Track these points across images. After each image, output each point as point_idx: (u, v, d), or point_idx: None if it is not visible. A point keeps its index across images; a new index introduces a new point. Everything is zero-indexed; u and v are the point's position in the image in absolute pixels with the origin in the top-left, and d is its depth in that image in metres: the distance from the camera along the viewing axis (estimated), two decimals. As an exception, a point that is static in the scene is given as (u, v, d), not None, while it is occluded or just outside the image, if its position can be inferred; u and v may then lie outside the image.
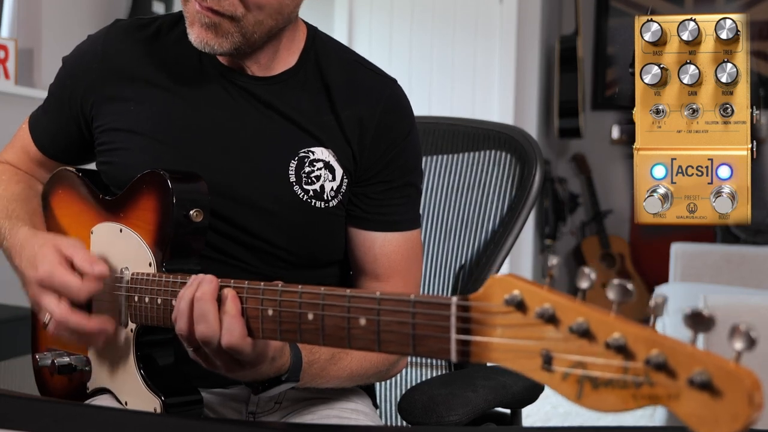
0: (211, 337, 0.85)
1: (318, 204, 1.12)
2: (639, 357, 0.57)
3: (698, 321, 0.56)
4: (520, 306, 0.63)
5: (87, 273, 1.01)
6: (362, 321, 0.74)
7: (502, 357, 0.64)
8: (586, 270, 0.61)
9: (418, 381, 1.46)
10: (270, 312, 0.83)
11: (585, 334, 0.59)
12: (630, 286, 0.59)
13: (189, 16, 1.06)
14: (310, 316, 0.79)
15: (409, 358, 1.47)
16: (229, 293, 0.86)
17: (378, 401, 1.47)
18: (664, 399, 0.56)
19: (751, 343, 0.54)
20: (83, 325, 1.02)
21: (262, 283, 0.84)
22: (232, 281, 0.87)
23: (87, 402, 1.11)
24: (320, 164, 1.12)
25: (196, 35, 1.05)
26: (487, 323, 0.65)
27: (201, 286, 0.87)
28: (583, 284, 0.61)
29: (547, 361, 0.61)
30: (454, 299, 0.67)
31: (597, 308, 0.60)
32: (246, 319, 0.85)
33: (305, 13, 1.16)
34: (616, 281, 0.59)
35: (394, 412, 1.48)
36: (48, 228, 1.22)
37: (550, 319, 0.61)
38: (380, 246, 1.15)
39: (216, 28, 1.04)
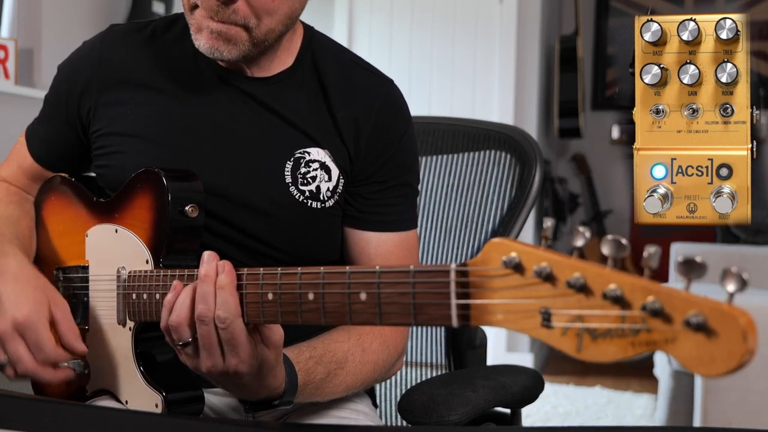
0: (210, 317, 0.85)
1: (314, 204, 1.12)
2: (635, 305, 0.58)
3: (691, 268, 0.57)
4: (517, 267, 0.64)
5: (68, 345, 1.04)
6: (363, 296, 0.75)
7: (502, 319, 0.65)
8: (581, 229, 0.63)
9: (418, 381, 1.46)
10: (270, 296, 0.83)
11: (582, 288, 0.60)
12: (624, 241, 0.60)
13: (195, 23, 1.05)
14: (311, 296, 0.79)
15: (408, 359, 1.47)
16: (225, 266, 0.86)
17: (378, 401, 1.47)
18: (662, 344, 0.57)
19: (742, 284, 0.55)
20: (50, 378, 1.05)
21: (261, 269, 0.85)
22: (233, 267, 0.87)
23: (87, 403, 1.11)
24: (316, 165, 1.12)
25: (205, 42, 1.04)
26: (486, 286, 0.66)
27: (202, 267, 0.87)
28: (578, 242, 0.63)
29: (546, 318, 0.62)
30: (453, 266, 0.68)
31: (593, 263, 0.61)
32: (245, 305, 0.85)
33: (305, 14, 1.16)
34: (610, 237, 0.61)
35: (394, 412, 1.48)
36: (42, 237, 1.22)
37: (548, 277, 0.62)
38: (375, 246, 1.15)
39: (227, 37, 1.03)
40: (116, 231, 1.08)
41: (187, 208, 1.03)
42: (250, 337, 0.86)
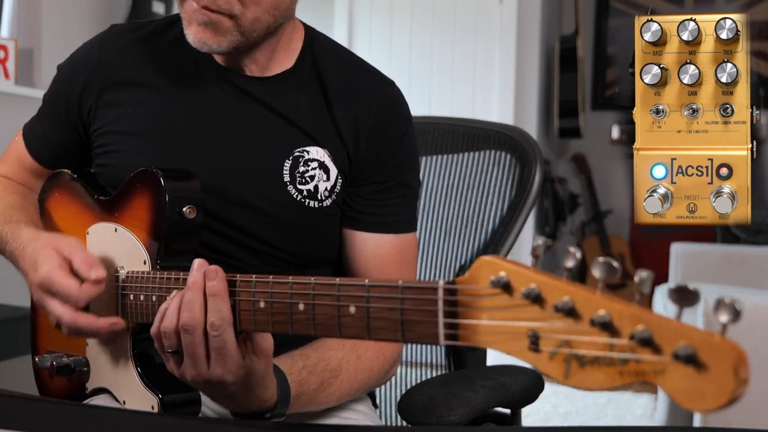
0: (194, 326, 0.85)
1: (312, 204, 1.12)
2: (624, 333, 0.57)
3: (683, 296, 0.56)
4: (506, 287, 0.63)
5: (84, 278, 1.00)
6: (352, 309, 0.75)
7: (489, 339, 0.64)
8: (572, 249, 0.61)
9: (418, 381, 1.46)
10: (261, 304, 0.83)
11: (570, 312, 0.59)
12: (615, 263, 0.59)
13: (186, 15, 1.06)
14: (301, 306, 0.79)
15: (408, 359, 1.47)
16: (218, 272, 0.86)
17: (378, 401, 1.47)
18: (650, 375, 0.56)
19: (735, 315, 0.53)
20: (93, 327, 1.01)
21: (254, 276, 0.85)
22: (225, 274, 0.87)
23: (86, 402, 1.11)
24: (315, 164, 1.12)
25: (194, 35, 1.05)
26: (474, 306, 0.65)
27: (190, 275, 0.87)
28: (569, 263, 0.61)
29: (534, 342, 0.61)
30: (441, 283, 0.68)
31: (582, 286, 0.60)
32: (237, 313, 0.85)
33: (305, 14, 1.16)
34: (600, 259, 0.59)
35: (394, 412, 1.48)
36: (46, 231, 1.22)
37: (536, 299, 0.61)
38: (373, 247, 1.15)
39: (214, 26, 1.03)
40: (116, 230, 1.08)
41: (184, 209, 1.03)
42: (238, 347, 0.86)
